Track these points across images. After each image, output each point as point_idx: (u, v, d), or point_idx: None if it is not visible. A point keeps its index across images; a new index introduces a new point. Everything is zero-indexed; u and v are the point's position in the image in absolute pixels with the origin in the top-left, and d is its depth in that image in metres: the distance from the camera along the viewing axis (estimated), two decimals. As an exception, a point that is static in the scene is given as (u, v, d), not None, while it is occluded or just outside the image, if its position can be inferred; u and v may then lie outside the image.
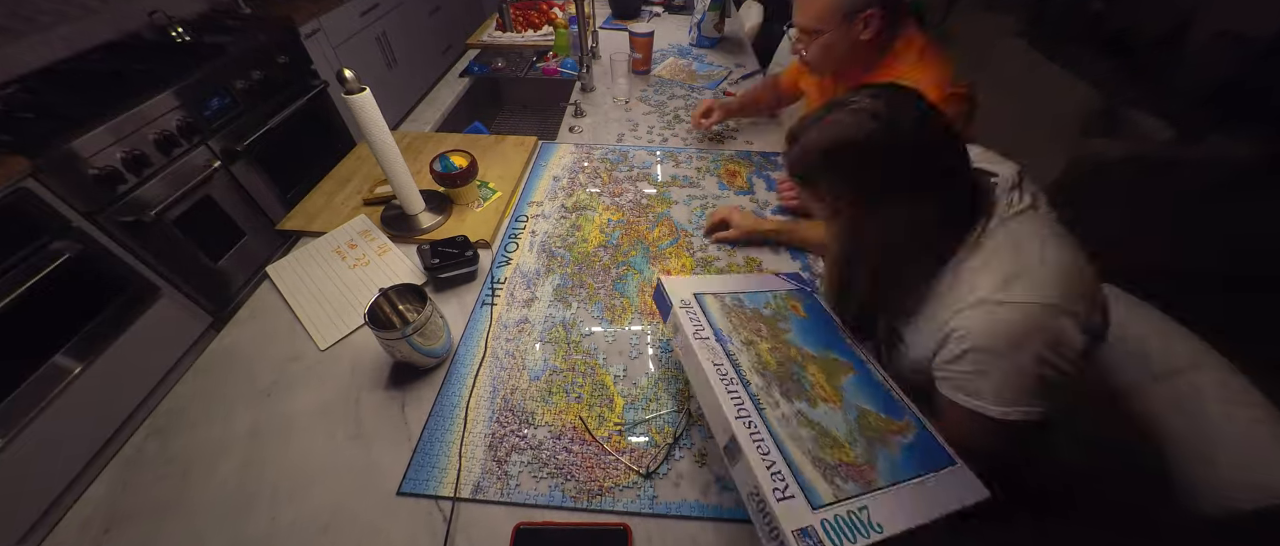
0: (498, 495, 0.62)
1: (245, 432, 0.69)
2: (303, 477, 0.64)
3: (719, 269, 0.92)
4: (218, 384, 0.75)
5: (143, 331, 1.53)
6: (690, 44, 1.87)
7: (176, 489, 0.63)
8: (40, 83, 1.60)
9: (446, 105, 1.51)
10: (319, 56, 2.23)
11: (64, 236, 1.35)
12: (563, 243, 0.99)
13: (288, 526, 0.60)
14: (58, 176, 1.32)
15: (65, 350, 1.37)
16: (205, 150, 1.71)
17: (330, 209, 1.06)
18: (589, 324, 0.83)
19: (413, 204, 0.98)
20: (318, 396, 0.73)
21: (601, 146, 1.28)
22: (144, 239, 1.52)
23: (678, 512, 0.61)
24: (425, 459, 0.65)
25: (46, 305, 1.31)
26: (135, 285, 1.52)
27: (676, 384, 0.74)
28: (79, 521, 0.61)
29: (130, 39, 1.89)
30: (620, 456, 0.66)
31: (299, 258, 0.94)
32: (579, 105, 1.43)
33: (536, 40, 1.91)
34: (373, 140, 0.86)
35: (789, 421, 0.53)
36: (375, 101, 0.83)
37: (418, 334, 0.69)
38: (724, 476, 0.64)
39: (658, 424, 0.69)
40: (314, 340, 0.80)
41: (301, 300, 0.86)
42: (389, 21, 2.75)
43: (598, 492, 0.62)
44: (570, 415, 0.70)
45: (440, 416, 0.70)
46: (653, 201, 1.08)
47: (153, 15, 1.90)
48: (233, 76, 1.79)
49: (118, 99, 1.47)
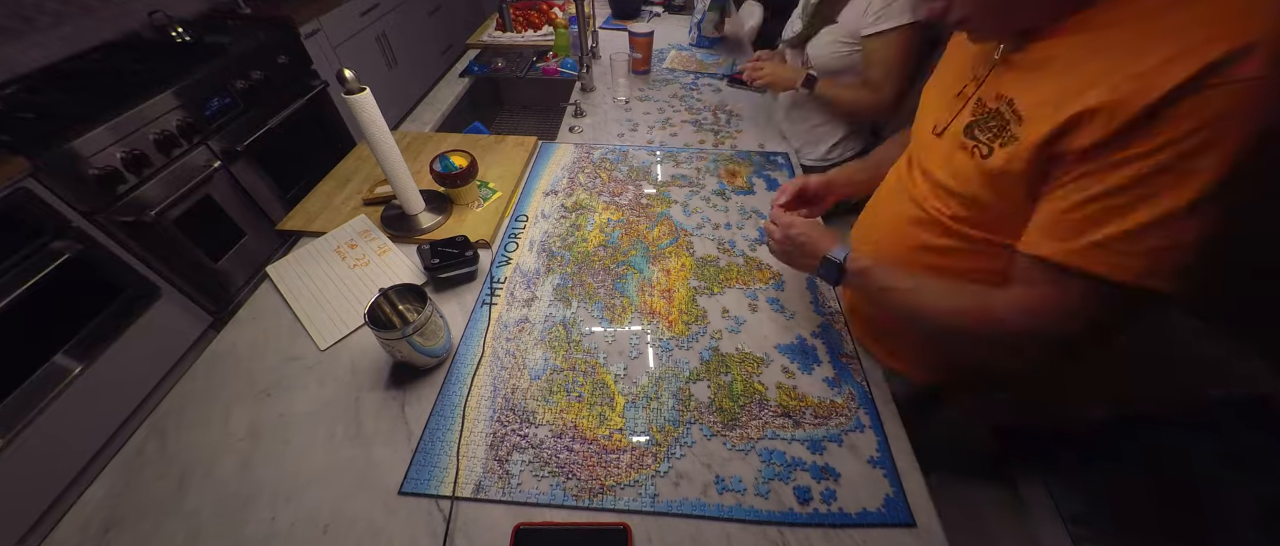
0: (499, 494, 0.62)
1: (245, 432, 0.69)
2: (303, 477, 0.64)
3: (720, 269, 0.92)
4: (218, 384, 0.75)
5: (143, 331, 1.53)
6: (690, 44, 1.87)
7: (176, 489, 0.63)
8: (40, 83, 1.60)
9: (446, 105, 1.51)
10: (319, 56, 2.23)
11: (64, 236, 1.35)
12: (563, 242, 0.98)
13: (288, 526, 0.60)
14: (58, 176, 1.32)
15: (65, 350, 1.37)
16: (205, 150, 1.71)
17: (330, 209, 1.06)
18: (589, 323, 0.83)
19: (413, 204, 0.98)
20: (318, 396, 0.73)
21: (601, 146, 1.28)
22: (144, 239, 1.52)
23: (678, 511, 0.61)
24: (426, 458, 0.65)
25: (46, 305, 1.31)
26: (135, 285, 1.52)
27: (676, 382, 0.74)
28: (79, 521, 0.61)
29: (130, 39, 1.89)
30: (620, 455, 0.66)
31: (299, 258, 0.94)
32: (579, 105, 1.43)
33: (536, 40, 1.91)
34: (373, 140, 0.86)
35: None
36: (375, 101, 0.83)
37: (418, 334, 0.69)
38: (724, 476, 0.64)
39: (658, 422, 0.69)
40: (314, 340, 0.80)
41: (301, 300, 0.86)
42: (389, 21, 2.75)
43: (598, 491, 0.62)
44: (571, 414, 0.70)
45: (441, 416, 0.70)
46: (653, 201, 1.08)
47: (153, 15, 1.90)
48: (233, 76, 1.79)
49: (118, 99, 1.47)
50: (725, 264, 0.93)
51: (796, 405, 0.71)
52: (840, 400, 0.72)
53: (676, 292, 0.88)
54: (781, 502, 0.61)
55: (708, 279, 0.90)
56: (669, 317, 0.83)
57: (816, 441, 0.67)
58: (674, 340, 0.80)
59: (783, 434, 0.68)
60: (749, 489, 0.63)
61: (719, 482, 0.63)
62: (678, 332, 0.81)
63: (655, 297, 0.87)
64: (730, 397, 0.72)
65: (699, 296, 0.87)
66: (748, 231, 1.01)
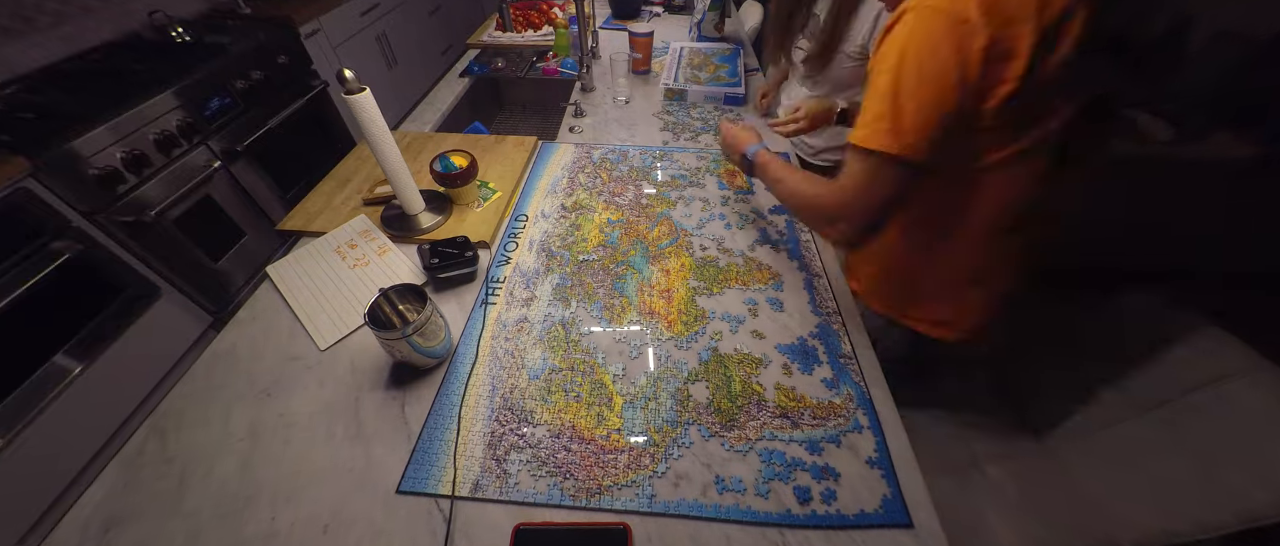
0: (497, 494, 0.62)
1: (245, 432, 0.69)
2: (303, 477, 0.64)
3: (719, 269, 0.92)
4: (218, 384, 0.75)
5: (143, 331, 1.53)
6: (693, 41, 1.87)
7: (176, 489, 0.63)
8: (40, 83, 1.60)
9: (446, 105, 1.51)
10: (319, 56, 2.23)
11: (64, 236, 1.35)
12: (562, 242, 0.99)
13: (288, 526, 0.60)
14: (58, 176, 1.32)
15: (65, 350, 1.37)
16: (205, 150, 1.71)
17: (330, 209, 1.06)
18: (588, 323, 0.83)
19: (413, 204, 0.98)
20: (318, 396, 0.73)
21: (601, 146, 1.28)
22: (144, 239, 1.52)
23: (677, 512, 0.61)
24: (425, 458, 0.66)
25: (46, 305, 1.31)
26: (135, 285, 1.52)
27: (676, 383, 0.74)
28: (79, 521, 0.61)
29: (130, 39, 1.89)
30: (618, 455, 0.66)
31: (299, 258, 0.94)
32: (579, 105, 1.43)
33: (536, 40, 1.91)
34: (373, 140, 0.86)
35: None
36: (375, 101, 0.84)
37: (418, 334, 0.69)
38: (724, 476, 0.64)
39: (656, 423, 0.69)
40: (314, 340, 0.80)
41: (301, 300, 0.87)
42: (389, 21, 2.75)
43: (597, 491, 0.62)
44: (569, 414, 0.70)
45: (440, 416, 0.70)
46: (652, 201, 1.09)
47: (153, 15, 1.90)
48: (233, 76, 1.79)
49: (118, 99, 1.47)
50: (724, 264, 0.94)
51: (795, 406, 0.71)
52: (838, 401, 0.72)
53: (676, 293, 0.88)
54: (781, 503, 0.61)
55: (707, 279, 0.90)
56: (668, 318, 0.83)
57: (815, 442, 0.67)
58: (673, 340, 0.80)
59: (781, 435, 0.68)
60: (749, 489, 0.63)
61: (719, 483, 0.63)
62: (677, 333, 0.81)
63: (654, 298, 0.87)
64: (729, 398, 0.72)
65: (698, 297, 0.87)
66: (748, 232, 1.01)
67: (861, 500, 0.62)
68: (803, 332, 0.81)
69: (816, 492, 0.62)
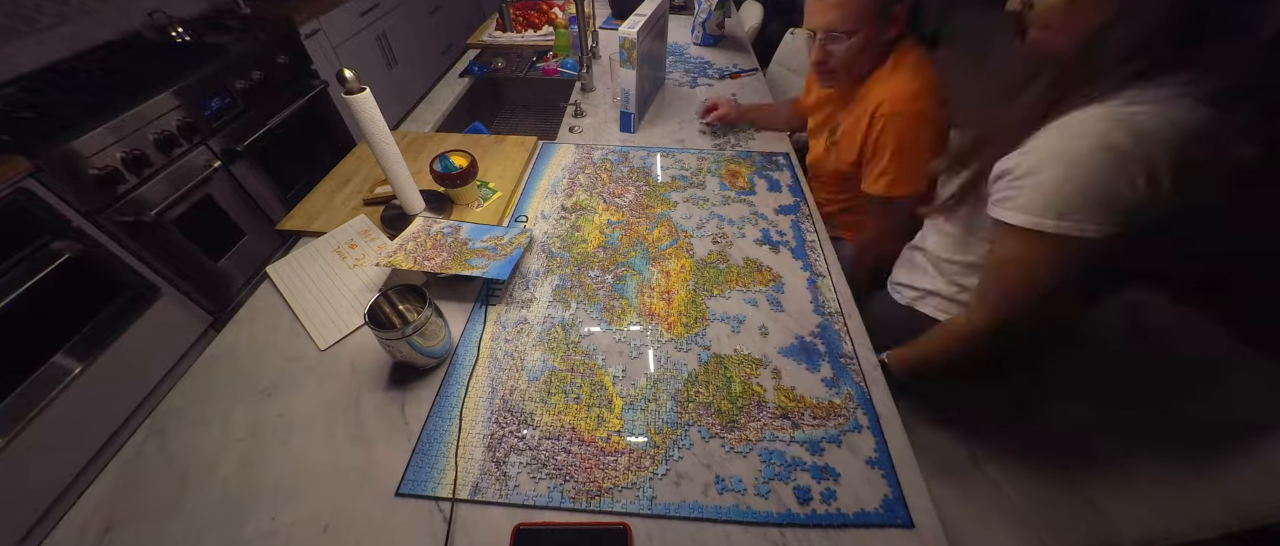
0: (496, 496, 0.62)
1: (245, 432, 0.69)
2: (303, 477, 0.64)
3: (719, 270, 0.92)
4: (218, 384, 0.75)
5: (143, 331, 1.53)
6: (694, 42, 1.87)
7: (176, 489, 0.63)
8: (40, 83, 1.60)
9: (446, 105, 1.51)
10: (319, 56, 2.23)
11: (64, 236, 1.35)
12: (562, 243, 0.99)
13: (288, 526, 0.60)
14: (58, 176, 1.32)
15: (65, 350, 1.37)
16: (205, 150, 1.71)
17: (330, 209, 1.06)
18: (588, 324, 0.83)
19: (413, 204, 0.98)
20: (318, 396, 0.73)
21: (602, 146, 1.28)
22: (144, 239, 1.52)
23: (677, 513, 0.61)
24: (424, 459, 0.65)
25: (46, 305, 1.31)
26: (135, 285, 1.52)
27: (676, 384, 0.74)
28: (79, 521, 0.61)
29: (130, 39, 1.89)
30: (618, 457, 0.66)
31: (299, 257, 0.94)
32: (579, 105, 1.43)
33: (536, 40, 1.91)
34: (373, 140, 0.86)
35: None
36: (375, 101, 0.84)
37: (418, 334, 0.69)
38: (724, 476, 0.64)
39: (657, 424, 0.69)
40: (314, 340, 0.80)
41: (301, 300, 0.87)
42: (389, 21, 2.75)
43: (597, 493, 0.62)
44: (568, 416, 0.70)
45: (440, 416, 0.70)
46: (653, 202, 1.08)
47: (153, 15, 1.90)
48: (233, 76, 1.79)
49: (118, 99, 1.47)
50: (725, 266, 0.93)
51: (795, 406, 0.71)
52: (839, 401, 0.72)
53: (676, 294, 0.88)
54: (781, 502, 0.61)
55: (707, 280, 0.90)
56: (668, 319, 0.83)
57: (815, 442, 0.67)
58: (673, 342, 0.80)
59: (781, 435, 0.68)
60: (749, 489, 0.63)
61: (719, 483, 0.63)
62: (677, 335, 0.81)
63: (655, 299, 0.87)
64: (729, 399, 0.72)
65: (698, 298, 0.87)
66: (749, 232, 1.01)
67: (862, 500, 0.62)
68: (803, 332, 0.81)
69: (816, 492, 0.62)
